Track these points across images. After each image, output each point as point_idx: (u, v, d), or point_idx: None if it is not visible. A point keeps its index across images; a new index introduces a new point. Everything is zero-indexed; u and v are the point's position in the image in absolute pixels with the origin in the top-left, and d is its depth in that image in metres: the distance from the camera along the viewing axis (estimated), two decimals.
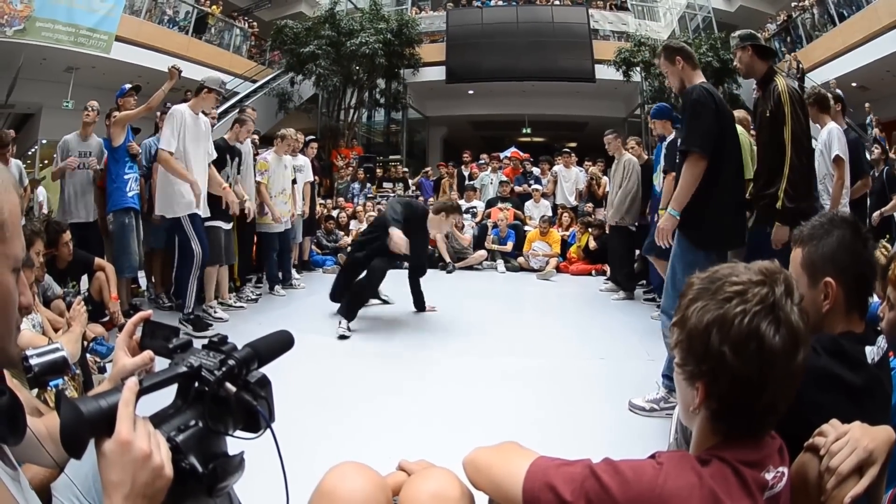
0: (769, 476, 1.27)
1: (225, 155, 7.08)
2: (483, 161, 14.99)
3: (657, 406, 4.21)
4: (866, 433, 1.47)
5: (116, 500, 1.02)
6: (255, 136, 8.25)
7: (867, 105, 15.84)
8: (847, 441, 1.45)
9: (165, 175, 6.21)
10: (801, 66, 17.48)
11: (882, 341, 1.88)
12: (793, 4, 19.69)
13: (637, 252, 8.66)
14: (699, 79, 4.31)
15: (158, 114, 7.62)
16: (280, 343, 1.39)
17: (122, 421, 1.04)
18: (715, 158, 4.04)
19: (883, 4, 15.12)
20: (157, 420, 1.13)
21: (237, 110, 8.38)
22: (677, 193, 4.16)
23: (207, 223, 6.63)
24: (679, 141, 4.58)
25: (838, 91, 9.06)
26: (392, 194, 14.95)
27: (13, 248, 1.10)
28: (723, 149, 4.08)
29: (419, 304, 7.16)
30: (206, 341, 1.27)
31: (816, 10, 18.26)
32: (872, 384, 1.76)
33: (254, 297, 8.02)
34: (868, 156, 8.06)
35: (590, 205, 11.76)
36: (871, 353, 1.82)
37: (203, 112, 6.53)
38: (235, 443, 1.23)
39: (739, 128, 4.80)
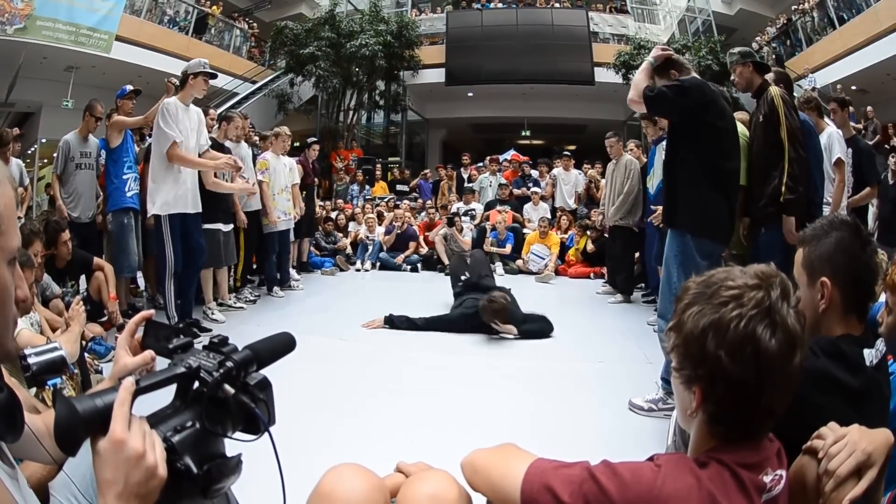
0: (767, 479, 1.27)
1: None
2: (482, 164, 14.99)
3: (656, 406, 4.22)
4: (865, 436, 1.47)
5: (109, 498, 1.02)
6: (256, 137, 8.29)
7: (838, 86, 15.97)
8: (845, 444, 1.45)
9: (152, 175, 6.15)
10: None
11: (881, 344, 1.88)
12: (793, 7, 19.71)
13: (637, 255, 8.65)
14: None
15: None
16: (281, 345, 1.38)
17: (116, 420, 1.04)
18: (715, 152, 4.10)
19: (883, 7, 15.12)
20: (155, 420, 1.13)
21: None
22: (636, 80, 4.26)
23: (205, 226, 6.60)
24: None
25: (843, 95, 9.04)
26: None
27: (8, 241, 1.10)
28: (719, 145, 4.13)
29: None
30: (206, 342, 1.27)
31: (816, 14, 18.26)
32: (871, 387, 1.76)
33: (252, 297, 8.01)
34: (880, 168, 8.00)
35: (597, 211, 11.70)
36: (870, 356, 1.82)
37: (205, 114, 6.53)
38: (234, 444, 1.22)
39: (742, 128, 4.85)
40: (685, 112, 4.08)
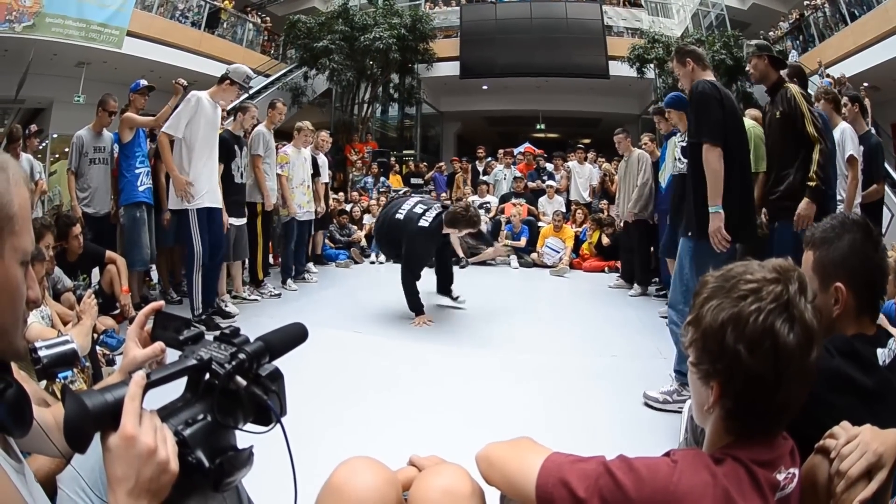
0: (781, 477, 1.27)
1: (232, 146, 7.11)
2: (492, 158, 15.06)
3: (670, 398, 4.23)
4: (876, 437, 1.47)
5: (120, 494, 1.01)
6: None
7: (819, 61, 16.20)
8: (857, 444, 1.45)
9: (188, 167, 6.15)
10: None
11: (893, 344, 1.86)
12: (805, 3, 19.55)
13: (651, 249, 8.60)
14: (708, 78, 4.34)
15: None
16: (293, 336, 1.37)
17: (127, 415, 1.03)
18: (733, 153, 4.09)
19: (893, 5, 15.05)
20: (166, 413, 1.12)
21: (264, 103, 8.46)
22: (710, 188, 4.14)
23: None
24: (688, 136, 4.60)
25: (856, 91, 8.99)
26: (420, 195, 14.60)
27: (22, 242, 1.10)
28: (728, 143, 4.10)
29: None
30: (217, 333, 1.26)
31: (828, 9, 18.15)
32: (884, 387, 1.75)
33: (276, 292, 8.03)
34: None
35: (604, 201, 11.69)
36: (882, 355, 1.80)
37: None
38: (245, 437, 1.22)
39: (750, 121, 4.86)
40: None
